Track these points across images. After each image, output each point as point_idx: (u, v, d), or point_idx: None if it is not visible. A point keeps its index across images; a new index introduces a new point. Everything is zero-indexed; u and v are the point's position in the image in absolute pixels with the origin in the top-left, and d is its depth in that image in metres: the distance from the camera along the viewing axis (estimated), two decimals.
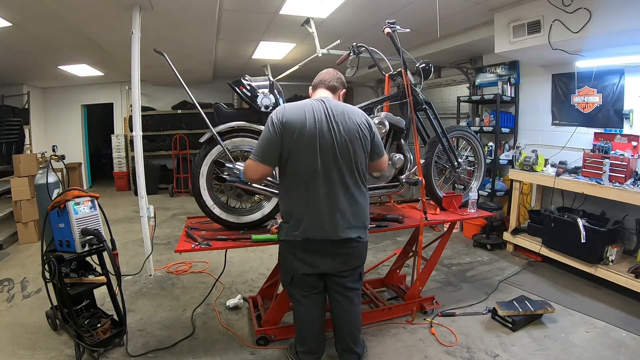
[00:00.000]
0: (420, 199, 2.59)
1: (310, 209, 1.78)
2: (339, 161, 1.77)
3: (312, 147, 1.74)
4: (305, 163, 1.76)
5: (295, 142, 1.73)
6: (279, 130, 1.73)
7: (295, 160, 1.77)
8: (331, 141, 1.75)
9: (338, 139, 1.76)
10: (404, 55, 2.47)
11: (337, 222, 1.79)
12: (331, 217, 1.78)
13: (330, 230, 1.79)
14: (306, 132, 1.73)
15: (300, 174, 1.78)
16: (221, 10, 3.42)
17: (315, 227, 1.79)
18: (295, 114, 1.75)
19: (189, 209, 5.95)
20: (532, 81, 4.18)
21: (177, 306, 2.91)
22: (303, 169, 1.77)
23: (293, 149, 1.74)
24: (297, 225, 1.81)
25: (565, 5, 2.84)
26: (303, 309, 1.96)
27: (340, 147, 1.76)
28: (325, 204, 1.78)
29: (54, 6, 3.07)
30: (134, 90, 3.17)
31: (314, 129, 1.74)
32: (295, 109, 1.78)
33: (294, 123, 1.73)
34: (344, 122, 1.78)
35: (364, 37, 3.99)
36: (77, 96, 7.54)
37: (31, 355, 2.28)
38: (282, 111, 1.78)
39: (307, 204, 1.79)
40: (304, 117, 1.75)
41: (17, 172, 4.38)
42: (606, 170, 3.09)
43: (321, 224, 1.78)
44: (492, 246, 4.13)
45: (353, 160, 1.79)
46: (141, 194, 3.25)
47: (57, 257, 2.18)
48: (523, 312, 2.56)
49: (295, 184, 1.80)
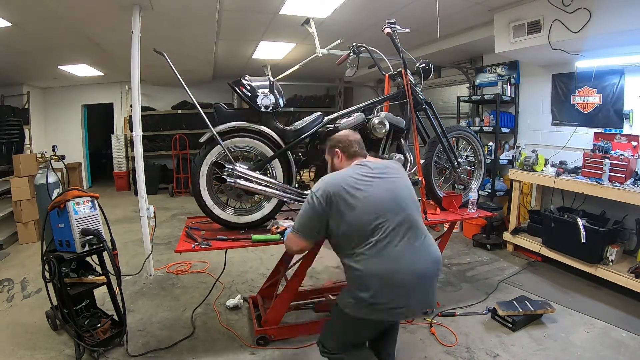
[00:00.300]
0: (420, 199, 2.59)
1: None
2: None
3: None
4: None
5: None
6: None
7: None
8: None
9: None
10: (404, 55, 2.47)
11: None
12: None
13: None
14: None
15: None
16: (221, 10, 3.42)
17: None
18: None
19: (189, 209, 5.95)
20: (532, 81, 4.18)
21: (177, 306, 2.91)
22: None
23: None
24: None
25: (565, 5, 2.84)
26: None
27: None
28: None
29: (54, 6, 3.07)
30: (134, 90, 3.17)
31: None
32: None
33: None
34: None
35: (364, 37, 3.99)
36: (77, 96, 7.54)
37: (31, 355, 2.28)
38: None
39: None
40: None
41: (17, 172, 4.38)
42: (606, 170, 3.09)
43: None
44: (492, 246, 4.13)
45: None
46: (141, 194, 3.25)
47: (57, 257, 2.18)
48: (523, 312, 2.56)
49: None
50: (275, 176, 2.37)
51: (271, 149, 2.32)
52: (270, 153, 2.32)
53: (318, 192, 1.71)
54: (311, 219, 1.74)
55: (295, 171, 2.40)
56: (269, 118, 2.31)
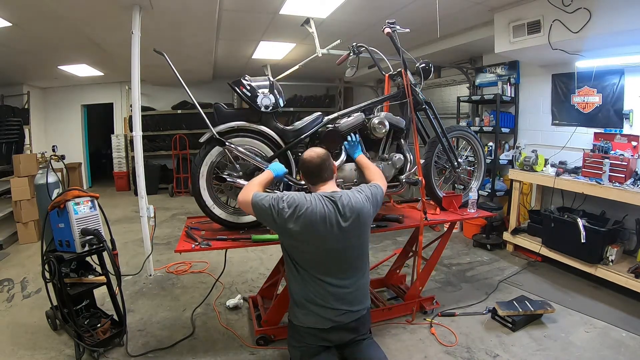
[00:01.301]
0: (420, 199, 2.59)
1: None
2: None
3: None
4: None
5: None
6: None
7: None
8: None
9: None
10: (404, 55, 2.47)
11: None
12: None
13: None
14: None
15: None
16: (221, 10, 3.42)
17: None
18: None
19: (189, 209, 5.95)
20: (532, 81, 4.18)
21: (177, 306, 2.91)
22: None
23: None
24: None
25: (565, 5, 2.84)
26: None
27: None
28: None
29: (54, 6, 3.07)
30: (134, 90, 3.17)
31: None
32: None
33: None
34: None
35: (364, 37, 3.99)
36: (77, 96, 7.54)
37: (31, 355, 2.28)
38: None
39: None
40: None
41: (17, 172, 4.38)
42: (606, 170, 3.09)
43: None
44: (492, 246, 4.13)
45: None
46: (141, 194, 3.25)
47: (57, 257, 2.18)
48: (523, 312, 2.56)
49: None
50: None
51: (271, 149, 2.32)
52: (270, 153, 2.32)
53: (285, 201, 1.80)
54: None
55: (295, 171, 2.40)
56: (269, 118, 2.30)
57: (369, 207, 1.89)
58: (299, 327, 1.90)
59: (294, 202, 1.80)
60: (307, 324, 1.88)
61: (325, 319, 1.86)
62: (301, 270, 1.88)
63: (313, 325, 1.87)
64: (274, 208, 1.79)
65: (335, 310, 1.87)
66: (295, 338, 1.93)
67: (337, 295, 1.86)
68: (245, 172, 2.28)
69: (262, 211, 1.83)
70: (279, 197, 1.83)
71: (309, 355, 1.90)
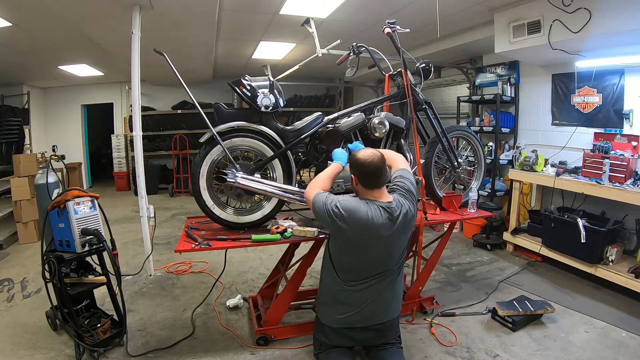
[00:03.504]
0: (421, 199, 2.59)
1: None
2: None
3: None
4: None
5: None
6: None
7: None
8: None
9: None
10: (404, 55, 2.47)
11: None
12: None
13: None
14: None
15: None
16: (221, 10, 3.42)
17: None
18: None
19: (189, 209, 5.95)
20: (532, 81, 4.18)
21: (177, 306, 2.91)
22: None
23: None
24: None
25: (565, 5, 2.84)
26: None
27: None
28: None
29: (54, 6, 3.07)
30: (134, 90, 3.17)
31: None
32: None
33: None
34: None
35: (364, 37, 3.99)
36: (77, 96, 7.54)
37: (31, 355, 2.28)
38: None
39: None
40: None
41: (17, 172, 4.38)
42: (606, 170, 3.08)
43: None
44: (492, 246, 4.13)
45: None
46: (141, 194, 3.25)
47: (57, 257, 2.18)
48: (523, 312, 2.56)
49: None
50: (275, 176, 2.38)
51: (271, 148, 2.32)
52: (270, 153, 2.32)
53: (339, 208, 1.84)
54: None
55: (295, 171, 2.40)
56: (269, 118, 2.31)
57: (414, 209, 1.95)
58: (324, 324, 2.01)
59: (351, 208, 1.82)
60: (333, 323, 1.97)
61: (353, 320, 1.94)
62: (339, 273, 1.95)
63: (339, 325, 1.96)
64: (328, 212, 1.83)
65: (366, 314, 1.93)
66: (319, 331, 2.07)
67: (372, 299, 1.93)
68: (245, 172, 2.28)
69: (319, 213, 1.88)
70: (335, 200, 1.84)
71: (327, 347, 2.03)
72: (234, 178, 2.18)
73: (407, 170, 2.09)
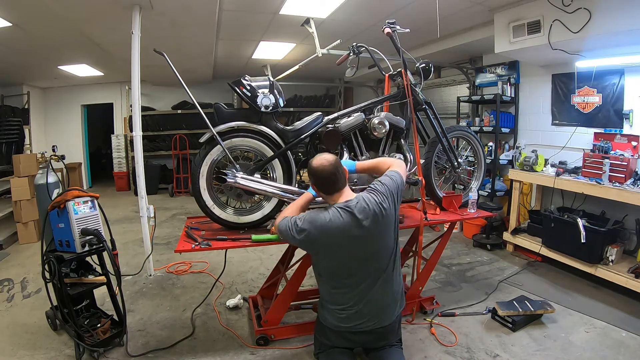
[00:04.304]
0: (420, 199, 2.59)
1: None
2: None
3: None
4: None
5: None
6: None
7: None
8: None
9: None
10: (404, 55, 2.47)
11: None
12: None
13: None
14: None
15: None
16: (221, 10, 3.42)
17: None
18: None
19: (189, 209, 5.95)
20: (532, 81, 4.18)
21: (177, 306, 2.91)
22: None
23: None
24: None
25: (565, 5, 2.84)
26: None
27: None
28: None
29: (54, 6, 3.07)
30: (134, 90, 3.17)
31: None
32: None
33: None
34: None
35: (364, 37, 3.99)
36: (77, 96, 7.54)
37: (31, 355, 2.28)
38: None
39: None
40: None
41: (17, 172, 4.38)
42: (606, 170, 3.08)
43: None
44: (492, 246, 4.13)
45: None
46: (141, 194, 3.25)
47: (57, 257, 2.18)
48: (523, 312, 2.55)
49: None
50: (275, 177, 2.38)
51: (271, 149, 2.32)
52: (270, 153, 2.32)
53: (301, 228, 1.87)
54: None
55: (295, 171, 2.40)
56: (269, 118, 2.31)
57: (387, 205, 1.87)
58: (324, 325, 2.01)
59: (309, 219, 1.85)
60: (332, 325, 1.97)
61: (351, 323, 1.93)
62: (328, 279, 1.97)
63: (338, 327, 1.96)
64: (290, 230, 1.87)
65: (363, 316, 1.92)
66: (319, 332, 2.09)
67: (363, 301, 1.91)
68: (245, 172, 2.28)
69: (285, 234, 1.92)
70: (295, 218, 1.89)
71: (327, 347, 2.04)
72: (234, 178, 2.19)
73: (394, 172, 1.99)
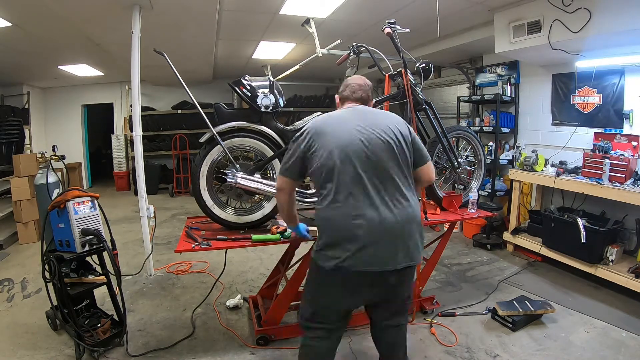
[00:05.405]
0: (420, 199, 2.59)
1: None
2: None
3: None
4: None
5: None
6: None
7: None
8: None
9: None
10: (404, 55, 2.47)
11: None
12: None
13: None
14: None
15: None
16: (221, 10, 3.42)
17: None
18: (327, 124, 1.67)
19: (189, 209, 5.95)
20: (532, 81, 4.18)
21: (177, 306, 2.91)
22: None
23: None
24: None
25: (565, 5, 2.84)
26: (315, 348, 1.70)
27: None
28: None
29: (54, 6, 3.07)
30: (134, 90, 3.17)
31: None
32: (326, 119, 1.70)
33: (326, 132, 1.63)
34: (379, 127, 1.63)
35: (364, 37, 3.99)
36: (77, 96, 7.54)
37: (31, 355, 2.28)
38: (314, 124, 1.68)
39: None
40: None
41: (17, 172, 4.38)
42: (606, 170, 3.08)
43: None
44: (492, 246, 4.13)
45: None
46: (141, 194, 3.25)
47: (57, 257, 2.18)
48: (523, 312, 2.56)
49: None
50: (275, 176, 2.38)
51: (271, 149, 2.32)
52: (270, 153, 2.32)
53: (304, 131, 1.67)
54: (292, 156, 1.67)
55: None
56: (269, 118, 2.31)
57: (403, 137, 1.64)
58: (320, 267, 1.58)
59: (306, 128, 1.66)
60: (329, 266, 1.54)
61: (359, 259, 1.50)
62: (322, 185, 1.60)
63: (333, 267, 1.53)
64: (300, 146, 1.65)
65: (376, 244, 1.51)
66: (314, 271, 1.67)
67: (375, 215, 1.52)
68: (245, 172, 2.28)
69: (294, 158, 1.67)
70: (293, 143, 1.69)
71: (316, 317, 1.68)
72: (234, 178, 2.19)
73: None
